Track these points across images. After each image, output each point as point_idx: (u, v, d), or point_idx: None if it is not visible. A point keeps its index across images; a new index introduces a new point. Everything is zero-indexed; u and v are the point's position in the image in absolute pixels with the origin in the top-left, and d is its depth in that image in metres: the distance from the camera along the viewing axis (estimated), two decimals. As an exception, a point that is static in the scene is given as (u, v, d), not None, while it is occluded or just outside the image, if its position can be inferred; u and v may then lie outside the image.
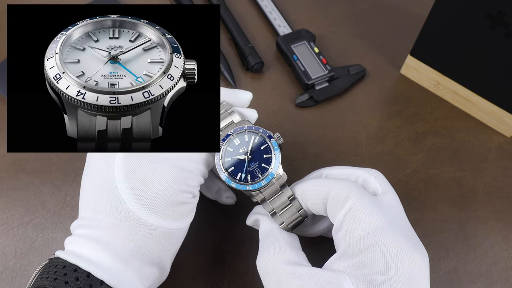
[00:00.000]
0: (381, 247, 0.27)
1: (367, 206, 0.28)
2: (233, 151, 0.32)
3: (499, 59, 0.39)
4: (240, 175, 0.31)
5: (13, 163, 0.41)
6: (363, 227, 0.28)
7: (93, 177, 0.30)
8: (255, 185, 0.31)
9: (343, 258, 0.28)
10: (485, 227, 0.39)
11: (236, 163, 0.31)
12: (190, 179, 0.30)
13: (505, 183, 0.42)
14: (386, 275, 0.26)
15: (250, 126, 0.32)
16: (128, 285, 0.28)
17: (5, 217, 0.39)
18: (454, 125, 0.45)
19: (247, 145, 0.31)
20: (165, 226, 0.29)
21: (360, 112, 0.45)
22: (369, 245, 0.27)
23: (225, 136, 0.32)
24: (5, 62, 0.46)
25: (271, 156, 0.31)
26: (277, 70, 0.48)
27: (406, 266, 0.27)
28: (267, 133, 0.31)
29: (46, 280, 0.27)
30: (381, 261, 0.27)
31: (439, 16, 0.40)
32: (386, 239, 0.27)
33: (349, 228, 0.28)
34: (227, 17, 0.50)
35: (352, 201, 0.29)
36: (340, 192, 0.29)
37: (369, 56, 0.49)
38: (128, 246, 0.28)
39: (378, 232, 0.27)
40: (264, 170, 0.31)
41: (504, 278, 0.37)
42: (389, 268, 0.26)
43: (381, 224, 0.28)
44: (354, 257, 0.28)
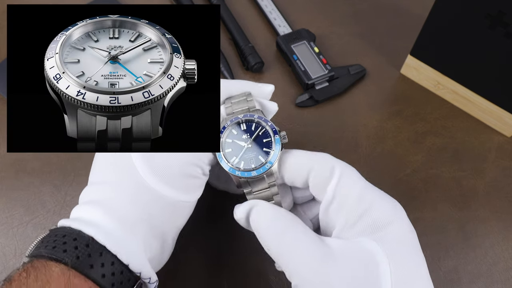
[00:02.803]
0: (378, 205, 0.29)
1: (350, 171, 0.30)
2: (236, 134, 0.31)
3: (499, 59, 0.39)
4: (234, 159, 0.31)
5: (13, 163, 0.41)
6: (355, 192, 0.29)
7: (105, 156, 0.30)
8: (244, 173, 0.30)
9: (350, 228, 0.28)
10: (485, 227, 0.39)
11: (235, 147, 0.31)
12: (201, 155, 0.30)
13: (505, 183, 0.42)
14: (394, 225, 0.28)
15: (260, 116, 0.31)
16: (130, 252, 0.27)
17: (5, 217, 0.39)
18: (454, 125, 0.45)
19: (251, 133, 0.31)
20: (173, 196, 0.29)
21: (360, 112, 0.45)
22: (368, 206, 0.28)
23: (234, 119, 0.31)
24: (5, 62, 0.46)
25: (270, 151, 0.31)
26: (277, 70, 0.48)
27: (403, 213, 0.29)
28: (274, 128, 0.31)
29: (45, 248, 0.26)
30: (383, 216, 0.28)
31: (439, 16, 0.40)
32: (376, 194, 0.29)
33: (343, 196, 0.29)
34: (227, 17, 0.50)
35: (338, 171, 0.29)
36: (324, 166, 0.30)
37: (369, 56, 0.49)
38: (135, 212, 0.28)
39: (368, 191, 0.29)
40: (259, 162, 0.30)
41: (504, 278, 0.37)
42: (392, 219, 0.28)
43: (366, 184, 0.30)
44: (360, 222, 0.28)
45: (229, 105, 0.32)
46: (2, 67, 0.46)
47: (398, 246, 0.27)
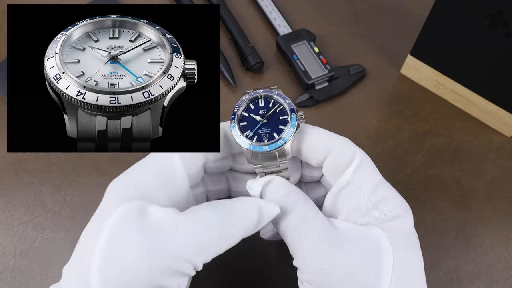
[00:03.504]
0: (390, 200, 0.28)
1: (369, 163, 0.30)
2: (254, 109, 0.31)
3: (499, 59, 0.39)
4: (248, 133, 0.30)
5: (13, 163, 0.41)
6: (370, 184, 0.29)
7: (84, 236, 0.27)
8: (256, 147, 0.29)
9: (358, 216, 0.28)
10: (485, 227, 0.39)
11: (250, 120, 0.31)
12: (165, 273, 0.24)
13: (505, 183, 0.42)
14: (403, 220, 0.28)
15: (279, 94, 0.31)
16: None
17: (5, 217, 0.39)
18: (454, 125, 0.45)
19: (268, 109, 0.31)
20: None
21: (360, 112, 0.45)
22: (379, 199, 0.28)
23: (253, 92, 0.31)
24: (5, 62, 0.46)
25: (285, 128, 0.30)
26: (277, 70, 0.48)
27: (411, 214, 0.29)
28: (292, 106, 0.31)
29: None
30: (393, 211, 0.28)
31: (439, 16, 0.40)
32: (391, 191, 0.29)
33: (358, 185, 0.29)
34: (227, 17, 0.50)
35: (358, 159, 0.29)
36: (345, 150, 0.29)
37: (369, 56, 0.49)
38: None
39: (382, 185, 0.29)
40: (272, 138, 0.30)
41: (504, 278, 0.37)
42: (401, 215, 0.28)
43: (382, 179, 0.29)
44: (369, 213, 0.28)
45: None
46: (2, 67, 0.46)
47: (403, 239, 0.28)
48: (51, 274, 0.36)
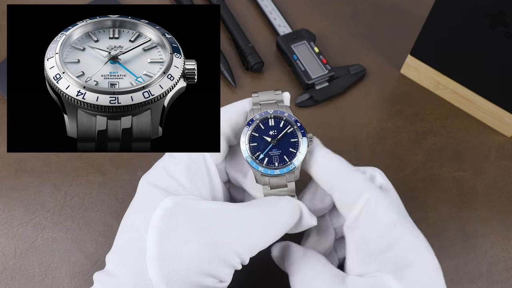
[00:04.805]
0: (404, 241, 0.27)
1: (383, 200, 0.28)
2: (264, 129, 0.31)
3: (499, 59, 0.39)
4: (259, 154, 0.30)
5: (13, 163, 0.41)
6: (383, 222, 0.28)
7: (128, 226, 0.28)
8: (267, 170, 0.30)
9: (370, 257, 0.28)
10: (485, 227, 0.39)
11: (260, 141, 0.30)
12: (221, 264, 0.26)
13: (505, 183, 0.42)
14: (418, 266, 0.27)
15: (290, 115, 0.31)
16: None
17: (5, 217, 0.39)
18: (454, 125, 0.45)
19: (279, 131, 0.31)
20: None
21: (360, 112, 0.45)
22: (394, 240, 0.27)
23: (263, 113, 0.31)
24: (5, 62, 0.46)
25: (296, 152, 0.30)
26: (277, 70, 0.48)
27: (430, 254, 0.28)
28: (303, 129, 0.30)
29: None
30: (408, 254, 0.27)
31: (439, 16, 0.40)
32: (406, 230, 0.28)
33: (368, 224, 0.28)
34: (227, 17, 0.50)
35: (367, 195, 0.28)
36: (350, 186, 0.29)
37: (369, 56, 0.49)
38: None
39: (396, 226, 0.28)
40: (283, 162, 0.30)
41: (504, 278, 0.37)
42: (418, 259, 0.27)
43: (398, 218, 0.28)
44: (383, 256, 0.27)
45: (257, 95, 0.32)
46: (2, 67, 0.46)
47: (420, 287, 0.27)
48: (51, 274, 0.36)
